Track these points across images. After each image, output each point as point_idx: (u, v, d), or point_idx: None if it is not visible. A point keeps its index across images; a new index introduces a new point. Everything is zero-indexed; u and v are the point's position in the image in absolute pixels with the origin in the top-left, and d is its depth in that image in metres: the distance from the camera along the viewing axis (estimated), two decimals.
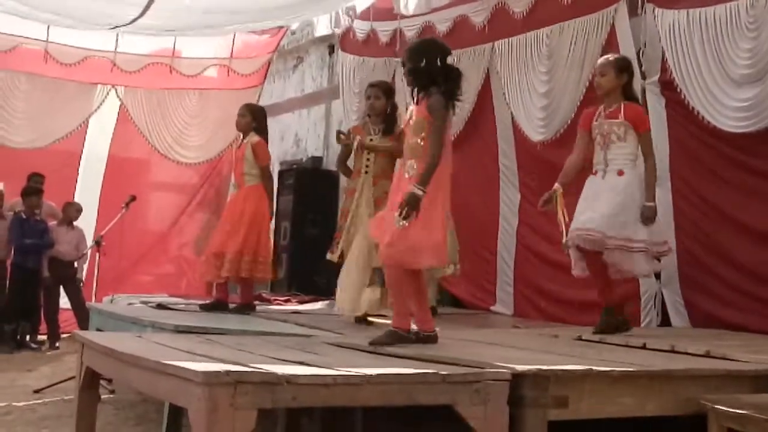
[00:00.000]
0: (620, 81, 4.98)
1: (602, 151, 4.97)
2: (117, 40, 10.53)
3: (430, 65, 4.24)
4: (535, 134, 6.99)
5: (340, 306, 5.96)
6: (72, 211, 9.98)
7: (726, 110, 5.44)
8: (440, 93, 4.21)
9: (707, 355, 4.02)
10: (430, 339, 4.20)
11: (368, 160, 5.94)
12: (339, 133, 6.28)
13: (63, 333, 9.57)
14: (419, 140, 4.23)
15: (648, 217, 4.84)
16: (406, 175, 4.27)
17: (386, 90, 6.05)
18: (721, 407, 3.34)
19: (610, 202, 4.83)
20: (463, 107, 7.30)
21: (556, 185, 5.05)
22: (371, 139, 5.94)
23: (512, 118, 7.34)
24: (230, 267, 6.29)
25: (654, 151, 5.08)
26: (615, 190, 4.87)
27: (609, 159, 4.94)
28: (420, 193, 4.05)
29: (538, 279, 7.02)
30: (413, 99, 4.35)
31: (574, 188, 5.11)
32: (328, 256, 6.06)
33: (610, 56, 5.20)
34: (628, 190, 4.87)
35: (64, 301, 9.82)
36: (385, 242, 4.19)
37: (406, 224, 4.04)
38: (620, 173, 4.91)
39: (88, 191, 10.75)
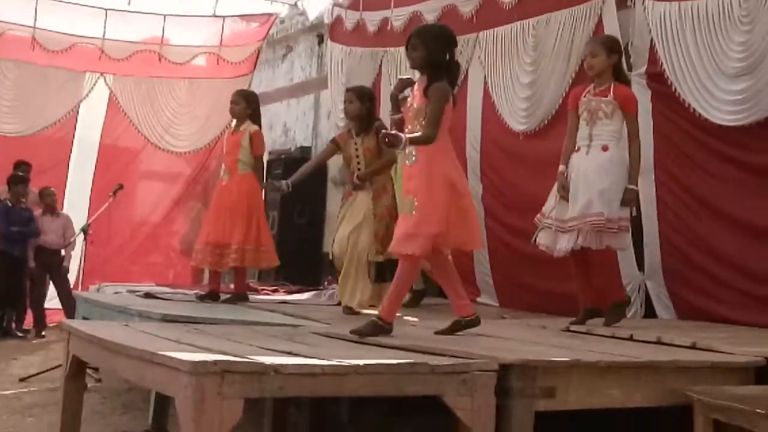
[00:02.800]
0: (611, 61, 4.98)
1: (588, 127, 4.96)
2: (105, 26, 10.46)
3: (443, 55, 4.25)
4: (518, 124, 7.00)
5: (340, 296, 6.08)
6: (46, 197, 9.92)
7: (718, 103, 5.45)
8: (443, 81, 4.22)
9: (693, 347, 4.04)
10: (472, 323, 4.25)
11: (359, 162, 6.04)
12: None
13: (49, 323, 9.55)
14: (419, 127, 4.23)
15: (629, 199, 4.84)
16: (407, 163, 4.29)
17: (360, 94, 6.10)
18: (707, 399, 3.36)
19: (601, 185, 4.82)
20: None
21: (562, 167, 5.04)
22: (355, 143, 6.05)
23: (483, 108, 7.35)
24: (236, 257, 6.29)
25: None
26: (602, 170, 4.85)
27: (594, 134, 4.93)
28: (402, 139, 4.05)
29: (514, 271, 7.04)
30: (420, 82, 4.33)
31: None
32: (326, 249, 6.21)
33: (600, 36, 5.21)
34: (613, 169, 4.85)
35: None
36: (399, 236, 4.23)
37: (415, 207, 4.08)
38: (605, 149, 4.89)
39: (80, 179, 10.72)
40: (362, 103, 6.02)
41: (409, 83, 4.46)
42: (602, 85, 4.97)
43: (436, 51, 4.25)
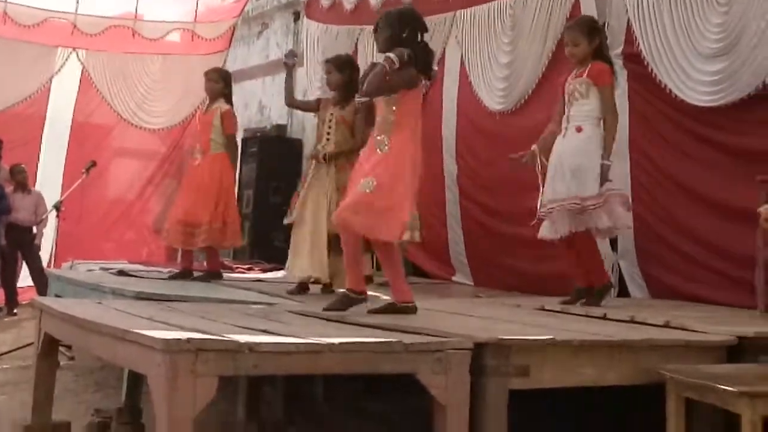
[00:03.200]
0: (593, 45, 4.96)
1: (567, 109, 4.97)
2: (78, 1, 10.32)
3: (410, 37, 4.21)
4: (495, 104, 6.99)
5: (290, 269, 5.90)
6: (17, 174, 9.81)
7: (694, 83, 5.46)
8: (413, 66, 4.18)
9: (666, 326, 4.06)
10: (408, 310, 4.19)
11: (329, 130, 5.94)
12: (291, 53, 6.19)
13: (21, 300, 9.46)
14: (390, 114, 4.20)
15: (604, 174, 4.81)
16: (379, 152, 4.22)
17: (338, 64, 6.00)
18: (679, 377, 3.38)
19: (572, 165, 4.83)
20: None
21: (534, 146, 5.02)
22: (331, 111, 5.91)
23: (459, 88, 7.33)
24: (206, 237, 6.27)
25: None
26: (576, 151, 4.84)
27: (570, 116, 4.92)
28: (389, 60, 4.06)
29: (488, 250, 7.06)
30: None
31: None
32: (285, 220, 6.04)
33: (577, 23, 5.17)
34: (588, 148, 4.83)
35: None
36: (346, 206, 4.18)
37: (373, 187, 4.03)
38: (578, 129, 4.87)
39: (53, 156, 10.61)
40: (341, 72, 5.93)
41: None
42: (583, 66, 4.97)
43: (400, 32, 4.22)
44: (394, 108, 4.20)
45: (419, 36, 4.27)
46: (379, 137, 4.24)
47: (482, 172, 7.15)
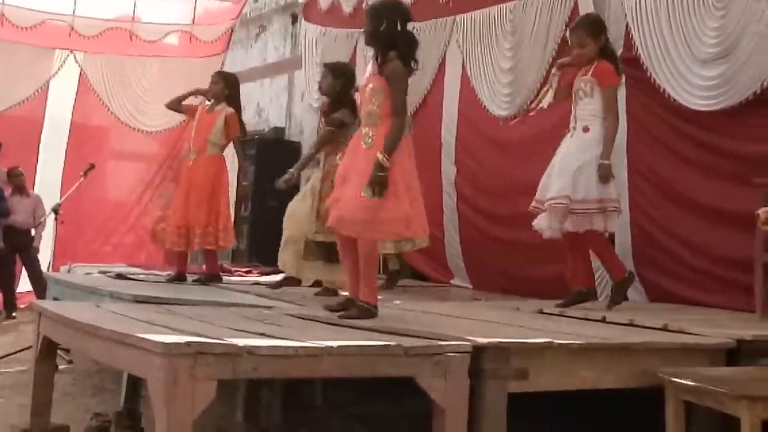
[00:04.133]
0: (599, 44, 4.98)
1: (574, 109, 4.99)
2: (75, 3, 10.32)
3: (390, 28, 4.20)
4: (500, 110, 6.98)
5: (281, 263, 5.99)
6: (13, 178, 9.80)
7: (692, 88, 5.46)
8: (399, 58, 4.17)
9: (665, 329, 4.07)
10: (371, 313, 4.12)
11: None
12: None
13: (20, 304, 9.45)
14: (376, 107, 4.19)
15: (603, 175, 4.82)
16: (363, 145, 4.21)
17: (334, 69, 6.01)
18: (678, 380, 3.39)
19: (572, 165, 4.84)
20: (422, 81, 7.31)
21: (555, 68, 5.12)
22: (321, 119, 6.04)
23: (461, 92, 7.33)
24: (201, 241, 6.27)
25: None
26: (580, 151, 4.85)
27: (577, 116, 4.95)
28: (386, 162, 4.02)
29: (485, 254, 7.06)
30: (375, 60, 4.27)
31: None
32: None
33: (581, 23, 5.16)
34: (592, 149, 4.85)
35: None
36: (343, 214, 4.17)
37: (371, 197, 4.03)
38: (585, 129, 4.90)
39: (51, 159, 10.59)
40: (335, 78, 5.93)
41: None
42: (590, 64, 4.98)
43: (383, 23, 4.20)
44: (377, 103, 4.19)
45: (399, 25, 4.23)
46: (364, 130, 4.23)
47: (482, 177, 7.15)
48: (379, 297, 4.27)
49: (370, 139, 4.18)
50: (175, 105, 6.75)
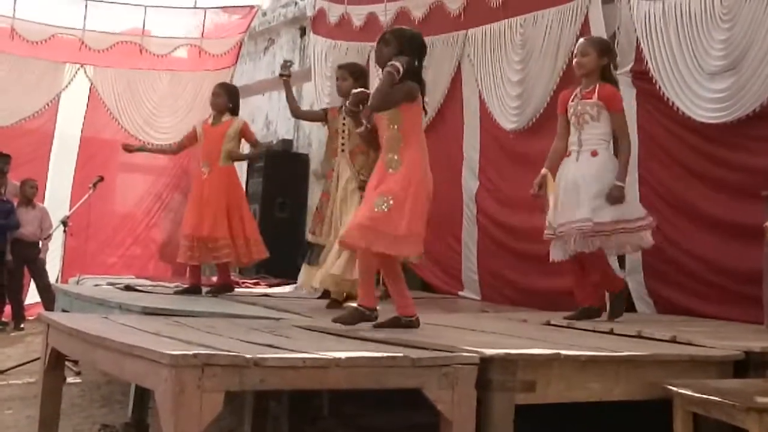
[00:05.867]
0: (601, 62, 4.98)
1: (577, 131, 4.97)
2: (85, 17, 10.39)
3: (413, 62, 4.22)
4: (508, 123, 6.99)
5: (322, 282, 5.86)
6: (27, 189, 9.85)
7: (700, 101, 5.47)
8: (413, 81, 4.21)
9: (673, 341, 4.06)
10: (412, 324, 4.19)
11: (343, 138, 5.97)
12: (286, 62, 6.20)
13: (28, 316, 9.48)
14: (396, 130, 4.21)
15: (615, 197, 4.81)
16: (390, 170, 4.21)
17: (353, 71, 5.98)
18: (686, 392, 3.37)
19: (591, 190, 4.83)
20: (435, 95, 7.32)
21: (544, 170, 5.04)
22: (344, 118, 5.88)
23: (480, 106, 7.34)
24: (229, 252, 6.27)
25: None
26: (594, 177, 4.86)
27: (583, 139, 4.94)
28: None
29: (499, 266, 7.06)
30: None
31: None
32: (310, 237, 6.04)
33: (593, 37, 5.20)
34: (606, 174, 4.86)
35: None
36: (359, 224, 4.19)
37: (385, 209, 4.05)
38: (594, 153, 4.90)
39: (61, 171, 10.65)
40: (355, 80, 5.90)
41: (363, 96, 4.32)
42: (588, 86, 4.97)
43: (406, 53, 4.21)
44: (396, 125, 4.20)
45: (416, 62, 4.27)
46: (388, 156, 4.24)
47: (503, 189, 7.14)
48: (378, 307, 4.28)
49: (398, 164, 4.19)
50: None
